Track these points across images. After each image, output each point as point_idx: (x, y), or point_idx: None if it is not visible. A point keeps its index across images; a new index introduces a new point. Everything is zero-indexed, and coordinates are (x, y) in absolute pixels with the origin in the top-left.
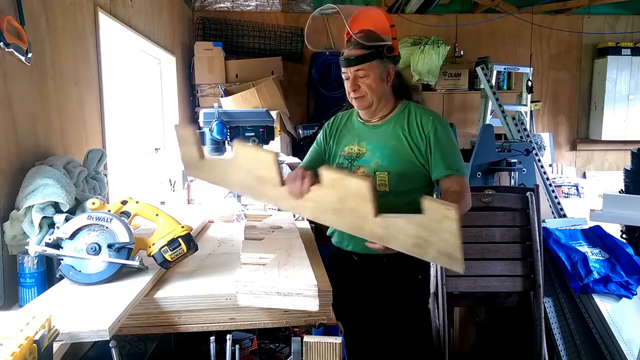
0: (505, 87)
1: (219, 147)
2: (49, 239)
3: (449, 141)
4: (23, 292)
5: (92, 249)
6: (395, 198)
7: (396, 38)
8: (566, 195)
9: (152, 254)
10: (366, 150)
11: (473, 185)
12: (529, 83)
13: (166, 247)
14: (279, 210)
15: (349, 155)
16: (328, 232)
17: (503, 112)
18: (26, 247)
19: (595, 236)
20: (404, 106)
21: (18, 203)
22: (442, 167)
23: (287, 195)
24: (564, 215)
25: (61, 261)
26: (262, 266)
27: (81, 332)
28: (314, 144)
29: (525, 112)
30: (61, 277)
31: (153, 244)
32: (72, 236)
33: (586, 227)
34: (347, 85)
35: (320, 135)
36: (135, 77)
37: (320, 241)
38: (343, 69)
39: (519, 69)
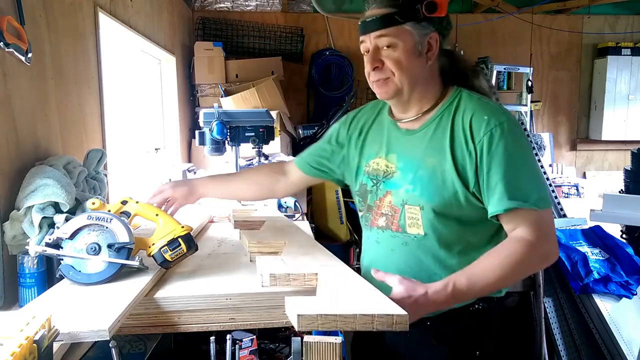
0: (505, 87)
1: (218, 147)
2: (49, 239)
3: (512, 154)
4: (23, 292)
5: (92, 249)
6: (438, 245)
7: None
8: (566, 195)
9: (152, 254)
10: (396, 169)
11: None
12: (529, 83)
13: (166, 247)
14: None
15: (374, 173)
16: None
17: None
18: (26, 247)
19: (595, 236)
20: (453, 95)
21: (18, 203)
22: (499, 196)
23: None
24: (564, 215)
25: (61, 261)
26: (275, 254)
27: (81, 332)
28: (323, 140)
29: (525, 112)
30: (61, 277)
31: (153, 244)
32: (72, 236)
33: (586, 227)
34: (366, 62)
35: (333, 132)
36: (135, 77)
37: (320, 241)
38: (361, 38)
39: (519, 69)
